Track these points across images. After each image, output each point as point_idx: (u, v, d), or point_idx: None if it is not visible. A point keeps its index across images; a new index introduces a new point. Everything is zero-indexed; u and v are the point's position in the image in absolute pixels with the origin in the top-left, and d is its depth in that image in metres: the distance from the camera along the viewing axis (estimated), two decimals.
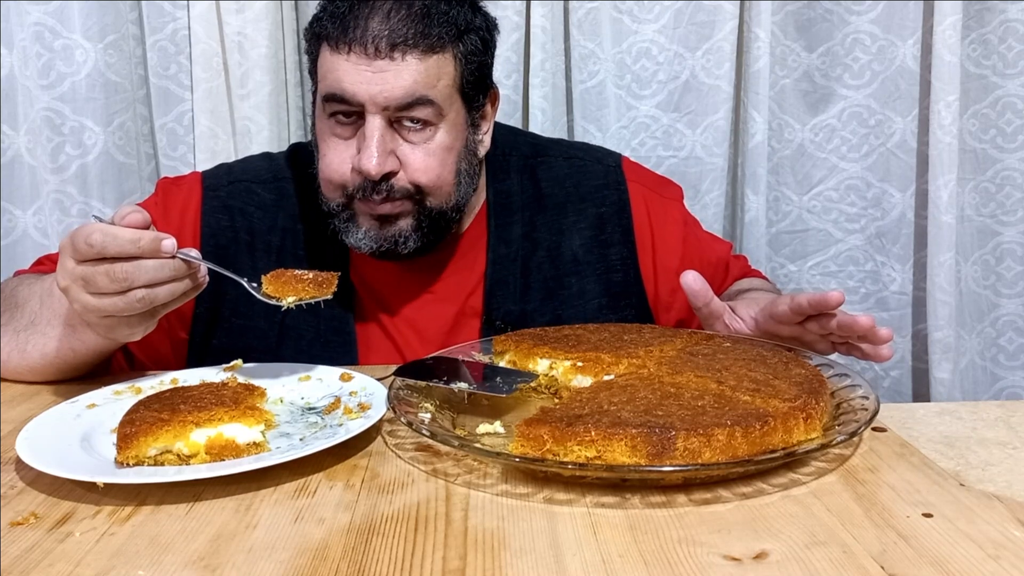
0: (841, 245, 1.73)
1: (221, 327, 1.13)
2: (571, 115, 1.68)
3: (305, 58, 1.64)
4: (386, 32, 1.00)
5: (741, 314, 1.00)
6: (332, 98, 1.02)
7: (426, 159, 1.04)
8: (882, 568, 0.57)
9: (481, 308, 1.15)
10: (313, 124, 1.10)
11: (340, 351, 1.10)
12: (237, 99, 1.63)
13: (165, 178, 1.21)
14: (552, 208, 1.18)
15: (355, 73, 1.00)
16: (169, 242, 0.84)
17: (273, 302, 0.93)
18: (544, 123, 1.63)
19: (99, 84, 1.59)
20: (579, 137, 1.66)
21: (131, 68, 1.62)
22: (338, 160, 1.04)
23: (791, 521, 0.64)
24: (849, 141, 1.69)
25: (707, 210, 1.68)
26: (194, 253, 0.87)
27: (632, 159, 1.33)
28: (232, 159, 1.63)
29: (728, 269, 1.27)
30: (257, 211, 1.14)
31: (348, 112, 1.03)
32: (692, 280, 0.97)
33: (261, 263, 1.11)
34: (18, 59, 1.58)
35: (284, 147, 1.63)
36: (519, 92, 1.64)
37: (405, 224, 1.06)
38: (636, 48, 1.65)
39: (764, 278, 1.32)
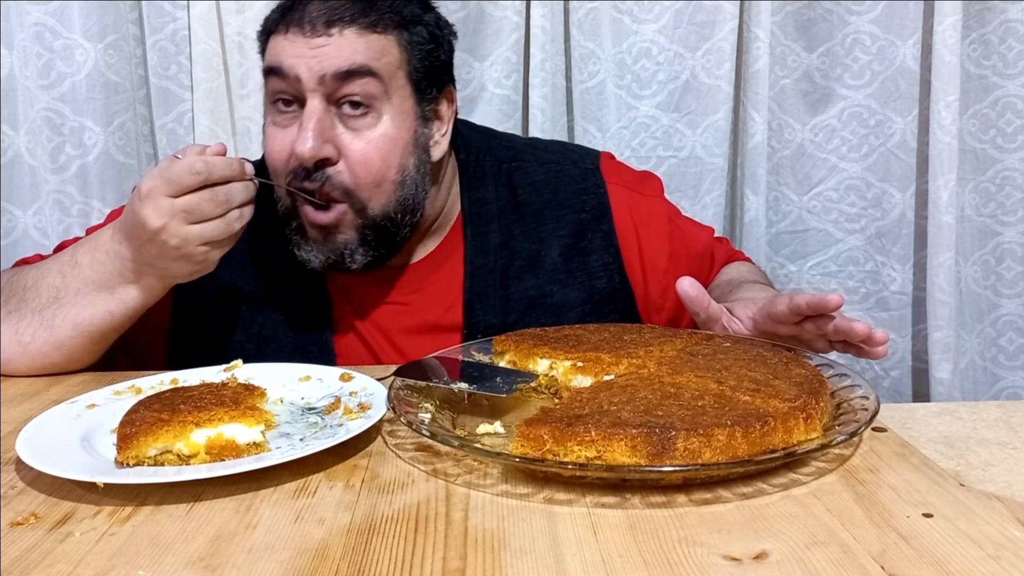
0: (841, 245, 1.73)
1: (201, 339, 1.12)
2: (571, 115, 1.68)
3: None
4: (324, 11, 0.99)
5: (739, 315, 1.00)
6: (270, 71, 1.00)
7: (366, 147, 1.00)
8: (882, 568, 0.57)
9: (461, 321, 1.12)
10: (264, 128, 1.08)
11: (318, 361, 1.06)
12: (237, 99, 1.63)
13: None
14: (530, 216, 1.15)
15: (292, 48, 0.98)
16: (249, 165, 0.92)
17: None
18: (544, 123, 1.63)
19: (99, 84, 1.59)
20: (579, 137, 1.66)
21: (131, 68, 1.62)
22: (278, 148, 1.01)
23: (791, 521, 0.64)
24: (849, 141, 1.69)
25: (707, 210, 1.68)
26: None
27: (622, 159, 1.33)
28: None
29: (714, 257, 1.27)
30: None
31: (288, 95, 1.00)
32: (688, 287, 0.96)
33: (237, 273, 1.10)
34: (18, 59, 1.58)
35: None
36: (519, 92, 1.64)
37: (348, 237, 1.03)
38: (636, 48, 1.65)
39: (748, 260, 1.31)
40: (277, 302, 1.11)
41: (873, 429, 0.81)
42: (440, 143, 1.09)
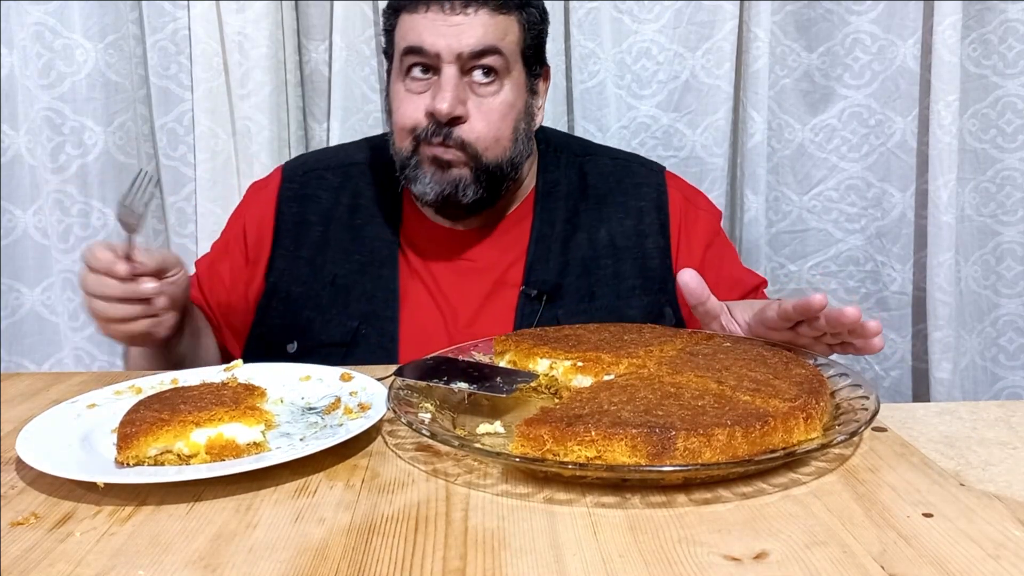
0: (841, 245, 1.73)
1: (288, 290, 1.23)
2: (571, 115, 1.68)
3: (297, 58, 1.67)
4: None
5: (736, 317, 1.01)
6: (411, 51, 1.13)
7: (490, 111, 1.14)
8: (882, 568, 0.57)
9: (520, 280, 1.21)
10: (387, 96, 1.20)
11: (383, 304, 1.19)
12: (237, 99, 1.63)
13: (253, 183, 1.35)
14: (595, 198, 1.26)
15: (433, 27, 1.11)
16: (121, 267, 0.97)
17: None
18: (544, 123, 1.62)
19: (99, 84, 1.59)
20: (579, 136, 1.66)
21: (131, 68, 1.62)
22: (412, 108, 1.14)
23: (791, 521, 0.64)
24: (849, 141, 1.69)
25: None
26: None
27: None
28: (232, 159, 1.64)
29: (744, 288, 1.27)
30: (325, 194, 1.26)
31: (425, 66, 1.13)
32: (689, 278, 0.98)
33: (334, 236, 1.24)
34: (18, 59, 1.58)
35: (284, 147, 1.67)
36: None
37: (462, 173, 1.14)
38: (636, 48, 1.65)
39: None
40: (353, 254, 1.23)
41: (873, 429, 0.81)
42: (538, 115, 1.24)
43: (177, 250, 1.69)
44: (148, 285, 0.99)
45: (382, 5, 1.25)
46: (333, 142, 1.65)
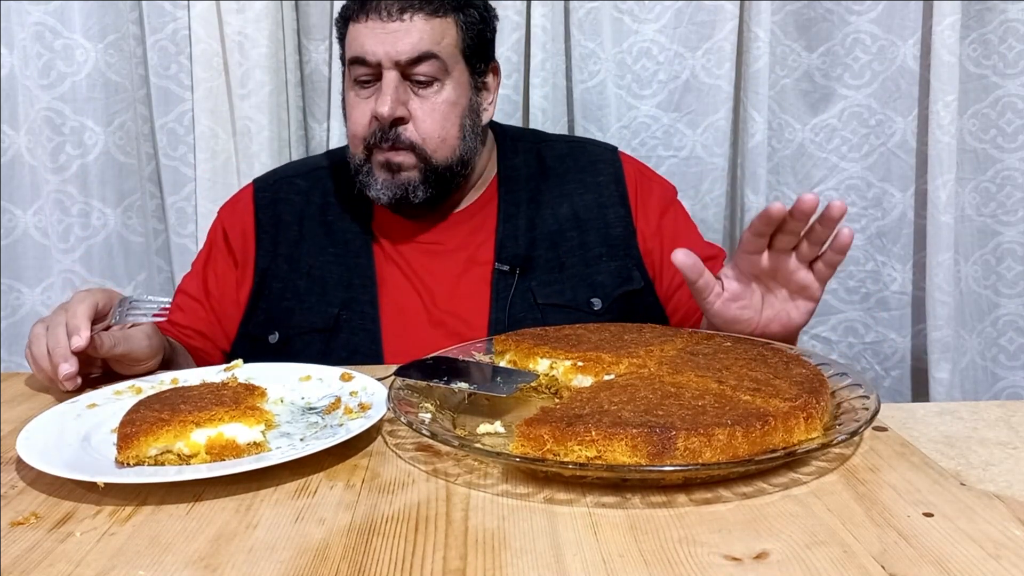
0: None
1: (270, 287, 1.26)
2: (571, 115, 1.68)
3: (297, 57, 1.68)
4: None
5: (723, 273, 1.03)
6: (355, 61, 1.18)
7: (432, 113, 1.18)
8: (882, 568, 0.57)
9: (491, 257, 1.25)
10: (343, 103, 1.26)
11: (361, 290, 1.23)
12: (237, 99, 1.63)
13: (224, 204, 1.36)
14: (554, 178, 1.31)
15: (372, 36, 1.16)
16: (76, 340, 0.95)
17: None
18: (544, 123, 1.63)
19: (99, 84, 1.59)
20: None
21: (131, 68, 1.62)
22: (360, 114, 1.20)
23: (791, 521, 0.64)
24: (849, 141, 1.69)
25: (707, 210, 1.68)
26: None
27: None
28: (232, 159, 1.64)
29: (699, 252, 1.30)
30: (297, 196, 1.31)
31: (369, 75, 1.18)
32: (683, 256, 0.99)
33: (308, 232, 1.28)
34: (18, 59, 1.58)
35: (284, 147, 1.67)
36: (519, 92, 1.64)
37: (411, 176, 1.19)
38: (636, 48, 1.65)
39: None
40: (327, 247, 1.27)
41: (874, 428, 0.81)
42: (488, 110, 1.28)
43: (177, 250, 1.69)
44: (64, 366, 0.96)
45: None
46: (333, 142, 1.65)
